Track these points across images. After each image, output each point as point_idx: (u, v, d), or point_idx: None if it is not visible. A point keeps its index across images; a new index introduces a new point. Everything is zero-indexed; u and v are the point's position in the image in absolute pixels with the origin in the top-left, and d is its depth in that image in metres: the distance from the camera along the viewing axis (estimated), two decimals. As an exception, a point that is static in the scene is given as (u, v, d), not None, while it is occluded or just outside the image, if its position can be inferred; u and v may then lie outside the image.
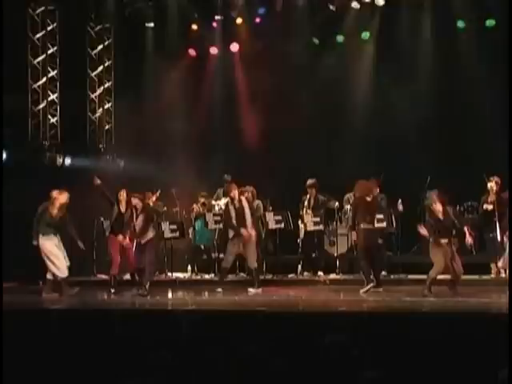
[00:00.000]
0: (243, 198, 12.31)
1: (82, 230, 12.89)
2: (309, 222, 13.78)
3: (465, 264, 11.64)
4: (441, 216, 10.92)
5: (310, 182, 13.91)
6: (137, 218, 11.96)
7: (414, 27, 15.64)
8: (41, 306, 10.63)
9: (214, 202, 14.91)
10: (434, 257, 10.85)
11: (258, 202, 14.22)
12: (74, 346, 8.39)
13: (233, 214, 12.18)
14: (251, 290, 11.84)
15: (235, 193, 12.27)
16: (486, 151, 14.15)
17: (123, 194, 12.53)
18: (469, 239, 11.14)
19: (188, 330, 8.57)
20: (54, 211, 12.17)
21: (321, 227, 13.88)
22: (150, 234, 11.96)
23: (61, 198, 12.24)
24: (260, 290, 11.89)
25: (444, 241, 10.82)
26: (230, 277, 14.09)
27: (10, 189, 13.44)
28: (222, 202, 14.74)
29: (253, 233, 12.12)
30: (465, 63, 15.13)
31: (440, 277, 10.92)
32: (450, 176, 11.67)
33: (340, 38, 16.34)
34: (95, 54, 16.56)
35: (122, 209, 12.49)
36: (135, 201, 12.03)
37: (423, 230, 10.95)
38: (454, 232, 10.98)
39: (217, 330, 8.39)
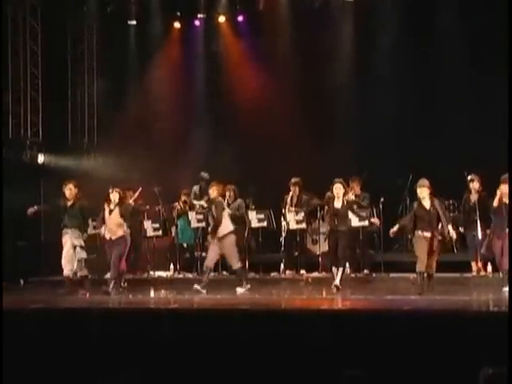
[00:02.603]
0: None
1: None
2: (291, 220, 13.76)
3: (446, 262, 11.70)
4: (428, 207, 10.75)
5: (293, 180, 13.91)
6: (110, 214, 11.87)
7: (394, 23, 15.70)
8: (23, 306, 10.53)
9: (195, 202, 14.85)
10: (416, 249, 10.75)
11: (239, 201, 14.21)
12: (55, 346, 8.47)
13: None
14: (239, 290, 11.63)
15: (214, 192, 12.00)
16: (466, 149, 14.19)
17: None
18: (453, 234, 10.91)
19: (170, 328, 8.55)
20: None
21: (303, 226, 13.87)
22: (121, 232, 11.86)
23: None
24: (249, 286, 11.68)
25: (426, 234, 10.69)
26: (213, 275, 14.11)
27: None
28: (203, 201, 14.71)
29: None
30: (449, 61, 15.17)
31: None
32: (431, 174, 11.67)
33: (322, 35, 16.38)
34: (77, 52, 16.51)
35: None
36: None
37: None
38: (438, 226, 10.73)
39: (199, 329, 8.38)
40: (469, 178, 12.56)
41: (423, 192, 10.78)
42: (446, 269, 11.88)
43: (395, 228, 11.02)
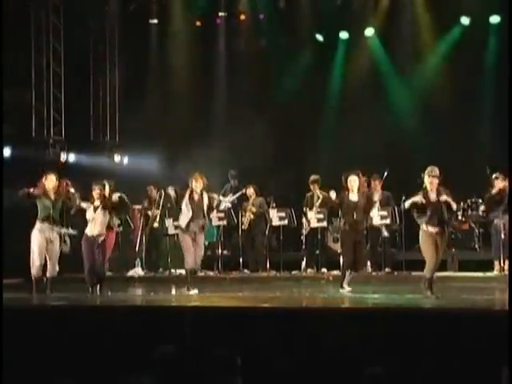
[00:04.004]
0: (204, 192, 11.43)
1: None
2: (312, 218, 13.75)
3: (468, 260, 11.61)
4: (434, 198, 9.68)
5: (312, 177, 13.89)
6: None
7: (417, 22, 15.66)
8: (38, 303, 10.62)
9: (221, 198, 14.85)
10: (424, 250, 9.80)
11: (261, 199, 14.23)
12: (76, 343, 8.41)
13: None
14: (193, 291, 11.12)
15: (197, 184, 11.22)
16: (489, 147, 14.11)
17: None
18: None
19: (191, 326, 8.54)
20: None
21: (324, 224, 13.85)
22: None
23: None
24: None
25: (433, 229, 9.69)
26: (234, 273, 14.11)
27: (13, 185, 13.40)
28: (228, 198, 14.73)
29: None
30: (470, 58, 15.08)
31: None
32: (453, 172, 11.61)
33: (344, 35, 16.35)
34: (99, 51, 16.56)
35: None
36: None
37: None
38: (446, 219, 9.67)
39: (220, 327, 8.36)
40: (493, 175, 12.49)
41: (433, 182, 9.70)
42: (469, 267, 11.81)
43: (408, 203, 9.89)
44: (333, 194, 11.39)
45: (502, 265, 12.48)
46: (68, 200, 11.36)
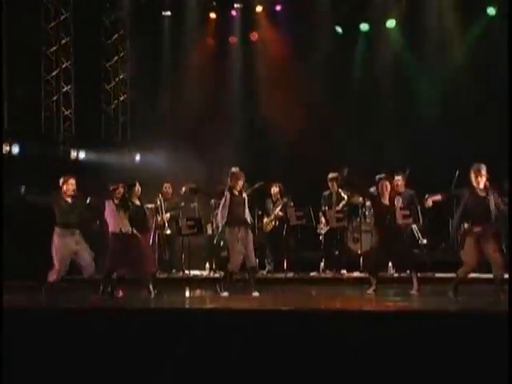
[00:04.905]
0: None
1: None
2: (331, 218, 13.42)
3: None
4: (482, 194, 9.51)
5: (331, 175, 13.60)
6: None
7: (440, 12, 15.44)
8: (53, 305, 10.43)
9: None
10: (464, 249, 9.68)
11: (285, 200, 13.88)
12: (89, 346, 8.30)
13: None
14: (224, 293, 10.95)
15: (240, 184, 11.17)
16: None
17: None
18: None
19: (205, 329, 8.29)
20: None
21: (344, 223, 13.51)
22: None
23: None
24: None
25: (477, 229, 9.52)
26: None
27: (23, 182, 13.20)
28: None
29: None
30: (495, 51, 14.77)
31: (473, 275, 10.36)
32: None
33: (364, 27, 16.06)
34: (110, 44, 16.64)
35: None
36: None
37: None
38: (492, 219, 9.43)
39: (236, 330, 8.15)
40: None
41: (481, 182, 9.58)
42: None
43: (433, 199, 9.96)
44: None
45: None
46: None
